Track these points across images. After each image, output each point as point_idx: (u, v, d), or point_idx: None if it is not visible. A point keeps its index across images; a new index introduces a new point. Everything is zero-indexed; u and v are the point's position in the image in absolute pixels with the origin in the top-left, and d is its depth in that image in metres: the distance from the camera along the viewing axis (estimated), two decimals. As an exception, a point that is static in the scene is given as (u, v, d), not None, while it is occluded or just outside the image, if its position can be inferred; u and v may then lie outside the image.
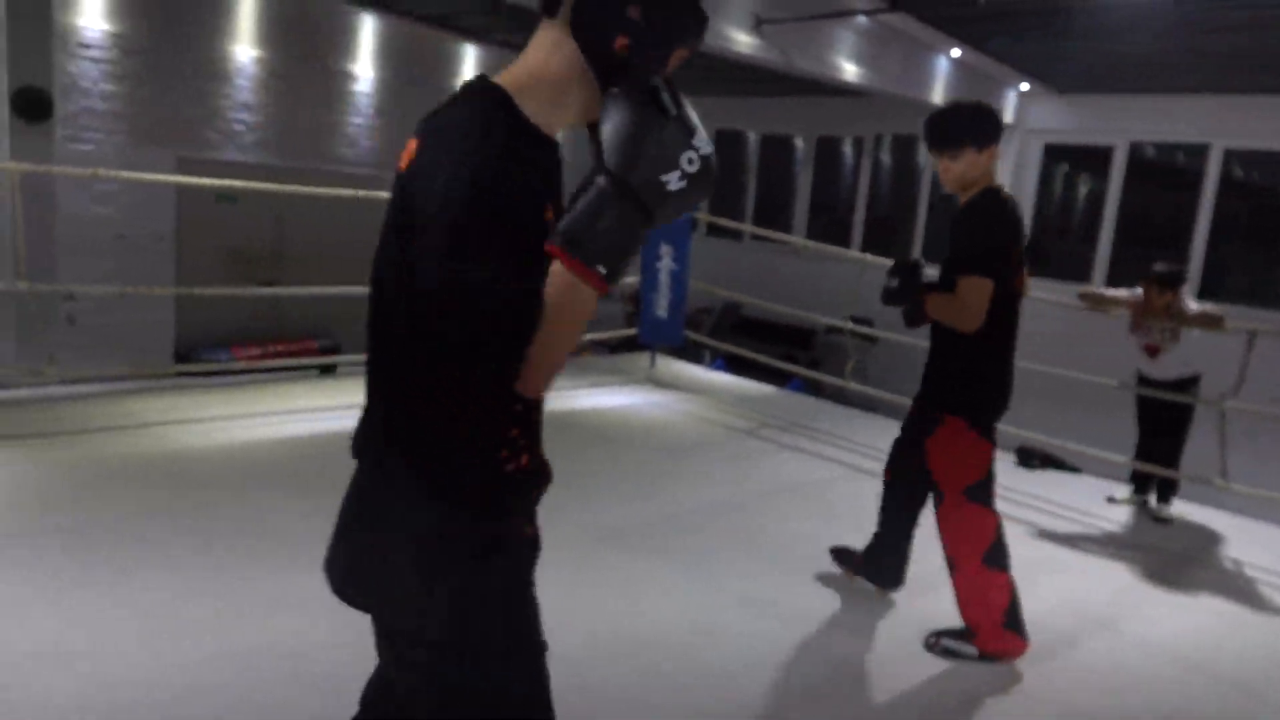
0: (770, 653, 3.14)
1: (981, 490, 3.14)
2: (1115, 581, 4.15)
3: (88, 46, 7.87)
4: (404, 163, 1.37)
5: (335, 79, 9.61)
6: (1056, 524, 4.80)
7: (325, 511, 1.54)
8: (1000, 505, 4.92)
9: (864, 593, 3.66)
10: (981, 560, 3.09)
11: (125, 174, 6.34)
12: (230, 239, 9.01)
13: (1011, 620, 3.10)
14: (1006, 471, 5.56)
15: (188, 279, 8.60)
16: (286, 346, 9.04)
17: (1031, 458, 5.75)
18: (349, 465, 1.49)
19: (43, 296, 6.73)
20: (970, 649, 3.17)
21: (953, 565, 3.17)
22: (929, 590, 3.58)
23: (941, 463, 3.15)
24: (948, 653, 3.19)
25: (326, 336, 9.56)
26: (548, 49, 1.37)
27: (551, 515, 4.19)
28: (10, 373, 6.09)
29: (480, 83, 1.37)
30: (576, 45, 1.35)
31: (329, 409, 5.33)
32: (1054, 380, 5.93)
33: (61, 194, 7.71)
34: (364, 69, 9.77)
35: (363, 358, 1.55)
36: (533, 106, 1.34)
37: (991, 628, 3.11)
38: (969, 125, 3.09)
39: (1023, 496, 5.13)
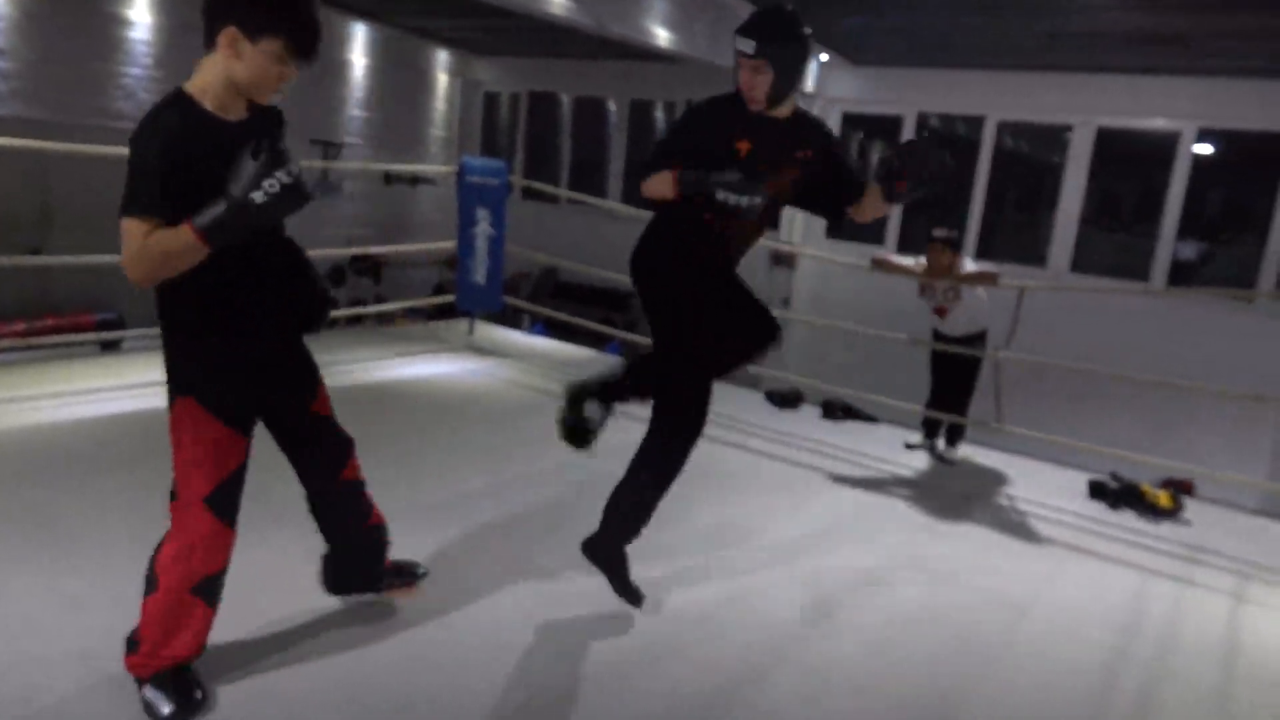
0: (612, 612, 3.20)
1: None
2: (912, 521, 4.51)
3: None
4: None
5: (104, 23, 8.70)
6: (857, 471, 5.15)
7: (116, 504, 1.41)
8: (805, 456, 5.23)
9: (692, 547, 3.79)
10: None
11: None
12: (-16, 201, 8.04)
13: None
14: (812, 423, 5.94)
15: (-66, 247, 7.60)
16: (58, 321, 8.20)
17: (835, 409, 6.13)
18: (136, 451, 1.38)
19: None
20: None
21: None
22: (742, 539, 3.73)
23: None
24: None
25: (108, 309, 8.75)
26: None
27: (380, 492, 4.07)
28: None
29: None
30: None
31: (114, 389, 4.90)
32: (851, 337, 6.32)
33: None
34: (139, 14, 8.90)
35: (151, 331, 1.55)
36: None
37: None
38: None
39: (825, 446, 5.46)
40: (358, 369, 5.97)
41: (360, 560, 2.90)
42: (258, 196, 2.05)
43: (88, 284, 8.44)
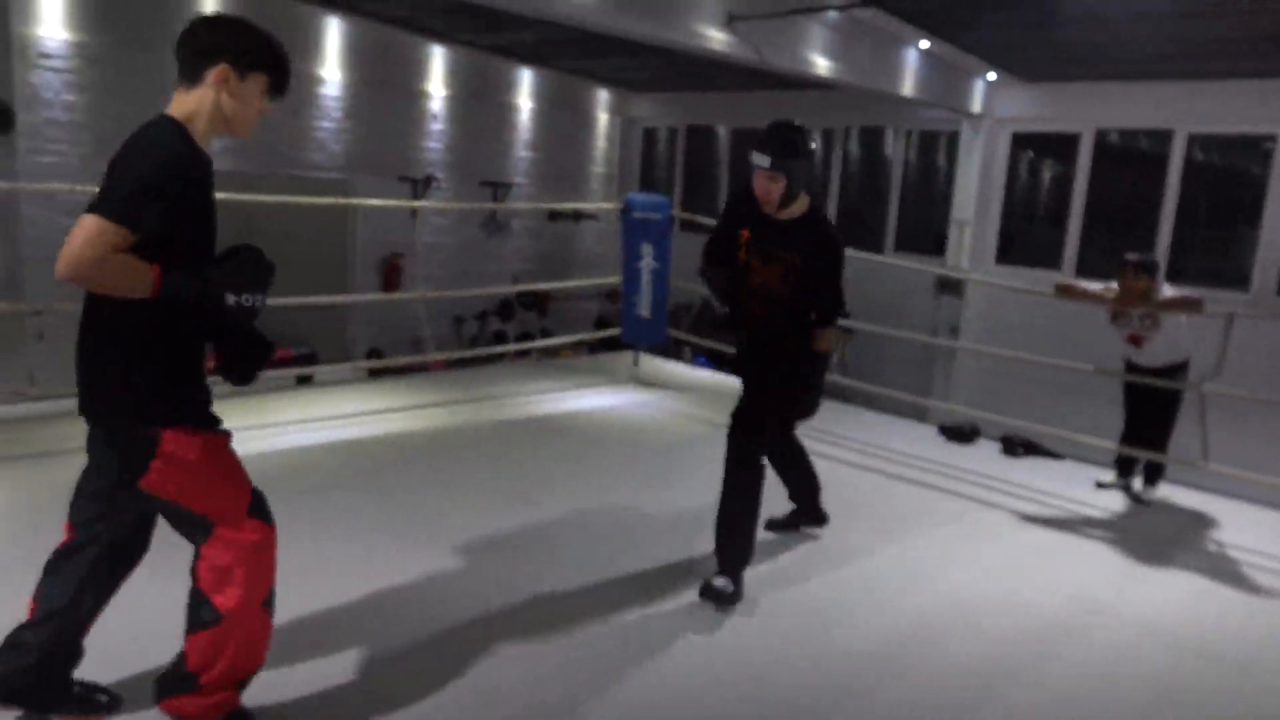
0: (781, 646, 3.15)
1: None
2: (1105, 566, 4.21)
3: (48, 57, 7.71)
4: None
5: (302, 82, 9.50)
6: (1042, 510, 4.86)
7: (308, 521, 1.51)
8: (984, 493, 5.00)
9: (866, 587, 3.69)
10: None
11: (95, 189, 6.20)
12: (200, 248, 8.87)
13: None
14: (990, 459, 5.67)
15: (158, 290, 8.45)
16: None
17: (1015, 445, 5.82)
18: (330, 479, 1.47)
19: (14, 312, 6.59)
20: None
21: None
22: (915, 584, 3.61)
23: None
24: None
25: (302, 344, 9.46)
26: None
27: (547, 524, 4.16)
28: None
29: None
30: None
31: (308, 421, 5.27)
32: (1028, 367, 6.00)
33: (26, 206, 7.55)
34: (331, 71, 9.66)
35: (340, 367, 1.60)
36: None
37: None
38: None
39: (1006, 484, 5.19)
40: (526, 402, 6.17)
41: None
42: (231, 299, 2.20)
43: (285, 320, 9.15)
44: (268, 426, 5.18)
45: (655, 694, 2.87)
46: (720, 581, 3.40)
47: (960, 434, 6.00)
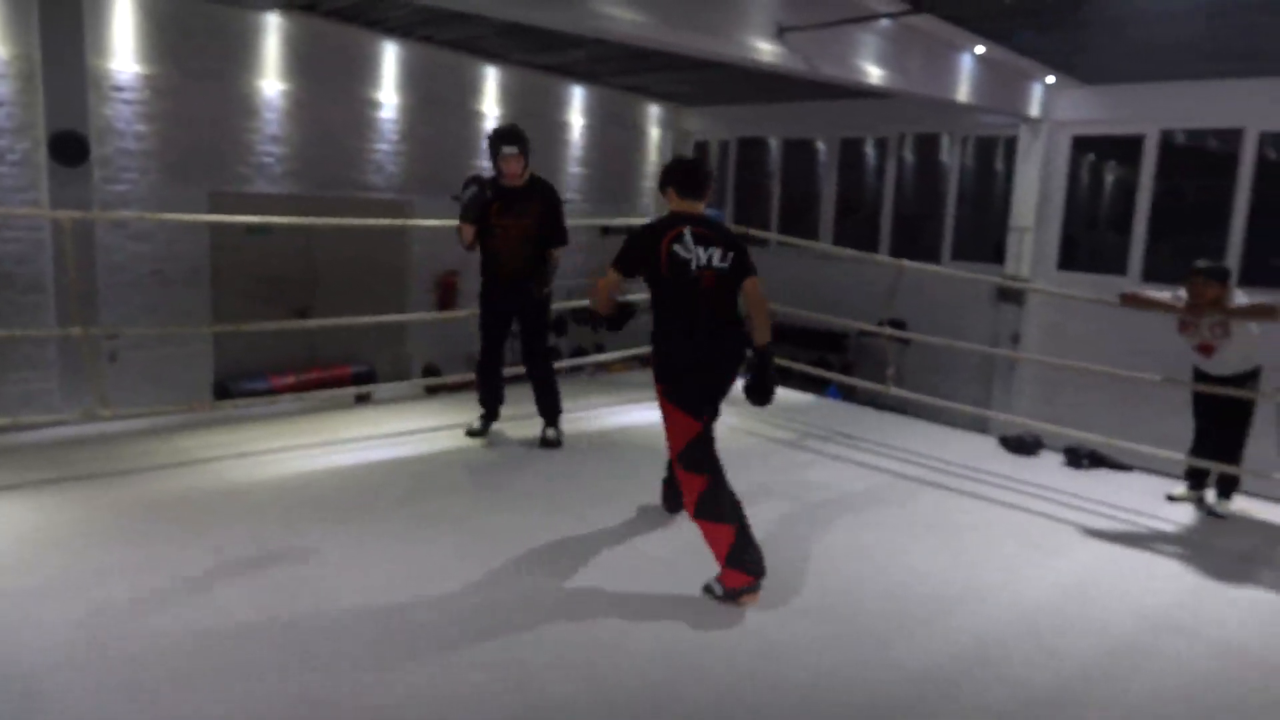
0: (839, 665, 3.10)
1: (687, 456, 3.62)
2: (1179, 583, 4.06)
3: (120, 89, 8.01)
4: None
5: (361, 106, 9.71)
6: (1110, 525, 4.71)
7: (369, 537, 1.53)
8: (1049, 507, 4.87)
9: (925, 603, 3.62)
10: (695, 514, 3.60)
11: (165, 215, 6.44)
12: (263, 269, 9.12)
13: (735, 560, 3.51)
14: (1054, 472, 5.52)
15: (223, 310, 8.70)
16: (321, 374, 9.12)
17: (1079, 457, 5.66)
18: (387, 494, 1.48)
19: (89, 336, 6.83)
20: (717, 585, 3.55)
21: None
22: (977, 600, 3.52)
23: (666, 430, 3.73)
24: (709, 590, 3.55)
25: (361, 362, 9.64)
26: None
27: (605, 542, 4.14)
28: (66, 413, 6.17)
29: None
30: None
31: (368, 439, 5.36)
32: (1096, 377, 5.84)
33: (100, 233, 7.84)
34: (388, 95, 9.87)
35: (398, 385, 1.63)
36: None
37: (723, 567, 3.54)
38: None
39: (1071, 498, 5.05)
40: (579, 417, 6.19)
41: None
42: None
43: (346, 340, 9.34)
44: (329, 444, 5.28)
45: (706, 712, 2.84)
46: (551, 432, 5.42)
47: (1022, 445, 5.86)
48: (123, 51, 7.98)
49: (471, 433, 5.49)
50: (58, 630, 3.07)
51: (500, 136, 5.12)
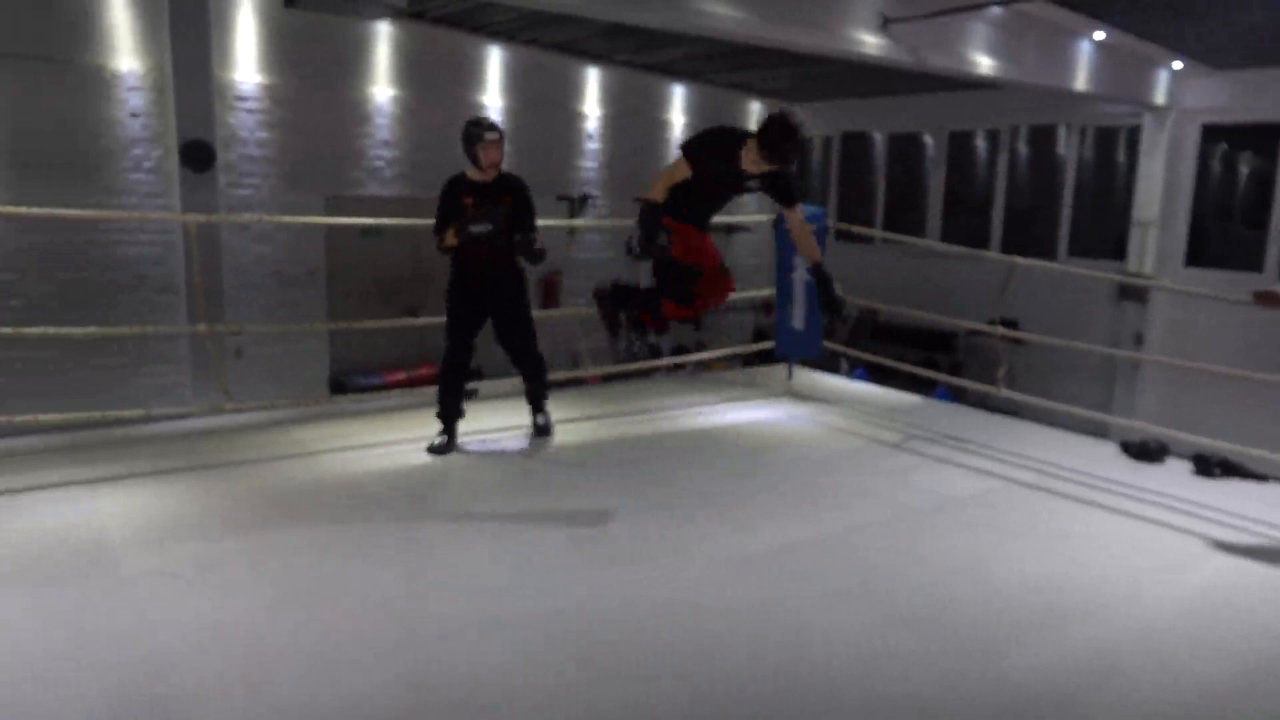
0: (935, 676, 3.01)
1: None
2: (1320, 602, 3.78)
3: (244, 99, 8.43)
4: None
5: (467, 110, 9.96)
6: (1243, 538, 4.42)
7: (476, 531, 1.55)
8: (1174, 518, 4.62)
9: (1040, 616, 3.47)
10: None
11: (284, 218, 6.73)
12: (375, 269, 9.45)
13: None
14: (1181, 480, 5.22)
15: (338, 309, 9.06)
16: (431, 370, 9.36)
17: (1210, 465, 5.33)
18: (493, 488, 1.50)
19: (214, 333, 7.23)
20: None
21: None
22: (1096, 615, 3.35)
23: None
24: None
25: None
26: None
27: (704, 541, 4.13)
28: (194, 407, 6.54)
29: None
30: None
31: (475, 433, 5.48)
32: (1227, 380, 5.50)
33: (225, 236, 8.27)
34: (492, 98, 10.08)
35: (502, 382, 1.69)
36: None
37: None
38: None
39: (1200, 508, 4.76)
40: (679, 415, 6.19)
41: None
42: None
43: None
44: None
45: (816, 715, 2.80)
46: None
47: (1146, 452, 5.56)
48: (245, 63, 8.39)
49: (434, 449, 5.11)
50: (182, 615, 3.25)
51: (480, 124, 5.17)
